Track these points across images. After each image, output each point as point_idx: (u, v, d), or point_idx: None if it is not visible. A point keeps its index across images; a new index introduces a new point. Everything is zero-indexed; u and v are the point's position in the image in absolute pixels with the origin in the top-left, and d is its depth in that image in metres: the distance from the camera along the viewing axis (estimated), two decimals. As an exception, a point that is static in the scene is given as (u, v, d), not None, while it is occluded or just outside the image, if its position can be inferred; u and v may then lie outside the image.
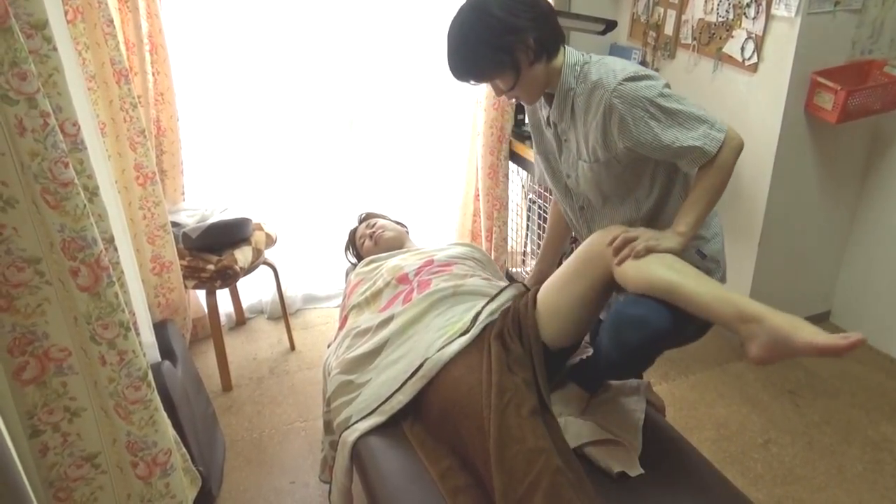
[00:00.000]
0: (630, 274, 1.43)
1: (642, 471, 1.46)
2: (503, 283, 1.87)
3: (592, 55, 1.54)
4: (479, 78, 1.51)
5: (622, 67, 1.45)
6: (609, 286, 1.52)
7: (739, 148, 1.48)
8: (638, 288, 1.43)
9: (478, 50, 1.45)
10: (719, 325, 1.36)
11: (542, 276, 1.86)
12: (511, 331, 1.58)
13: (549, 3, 1.54)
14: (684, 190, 1.59)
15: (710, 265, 1.62)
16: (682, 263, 1.43)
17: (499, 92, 1.55)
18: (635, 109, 1.42)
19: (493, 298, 1.72)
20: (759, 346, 1.27)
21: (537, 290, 1.63)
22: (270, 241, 2.59)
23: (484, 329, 1.63)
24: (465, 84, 1.56)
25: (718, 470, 1.50)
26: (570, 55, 1.52)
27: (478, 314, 1.67)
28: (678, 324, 1.39)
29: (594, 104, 1.48)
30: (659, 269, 1.40)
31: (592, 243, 1.54)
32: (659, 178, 1.56)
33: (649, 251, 1.43)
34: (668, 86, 1.46)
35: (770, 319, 1.26)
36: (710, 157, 1.44)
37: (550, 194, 1.86)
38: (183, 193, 2.57)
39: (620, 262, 1.45)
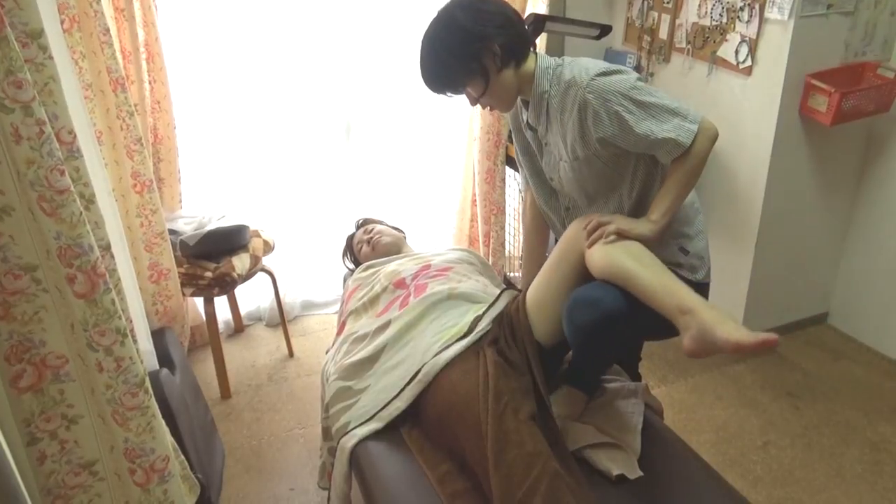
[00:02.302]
0: (595, 258, 1.47)
1: (641, 473, 1.47)
2: (499, 288, 1.87)
3: (566, 57, 1.57)
4: (451, 87, 1.55)
5: (594, 65, 1.49)
6: (588, 273, 1.53)
7: (714, 137, 1.51)
8: (601, 273, 1.46)
9: (446, 60, 1.50)
10: (665, 315, 1.37)
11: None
12: (507, 336, 1.59)
13: (516, 11, 1.58)
14: None
15: (694, 262, 1.63)
16: (649, 255, 1.45)
17: (472, 101, 1.58)
18: (609, 104, 1.44)
19: (492, 304, 1.72)
20: (690, 337, 1.29)
21: (527, 291, 1.64)
22: (268, 247, 2.60)
23: (482, 335, 1.63)
24: (442, 97, 1.58)
25: (717, 472, 1.50)
26: (542, 60, 1.56)
27: (477, 319, 1.67)
28: (634, 311, 1.41)
29: (569, 103, 1.50)
30: (621, 257, 1.43)
31: (570, 230, 1.57)
32: (640, 172, 1.58)
33: (620, 235, 1.46)
34: (640, 79, 1.48)
35: (701, 312, 1.28)
36: (684, 148, 1.47)
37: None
38: (180, 201, 2.57)
39: (591, 245, 1.48)
